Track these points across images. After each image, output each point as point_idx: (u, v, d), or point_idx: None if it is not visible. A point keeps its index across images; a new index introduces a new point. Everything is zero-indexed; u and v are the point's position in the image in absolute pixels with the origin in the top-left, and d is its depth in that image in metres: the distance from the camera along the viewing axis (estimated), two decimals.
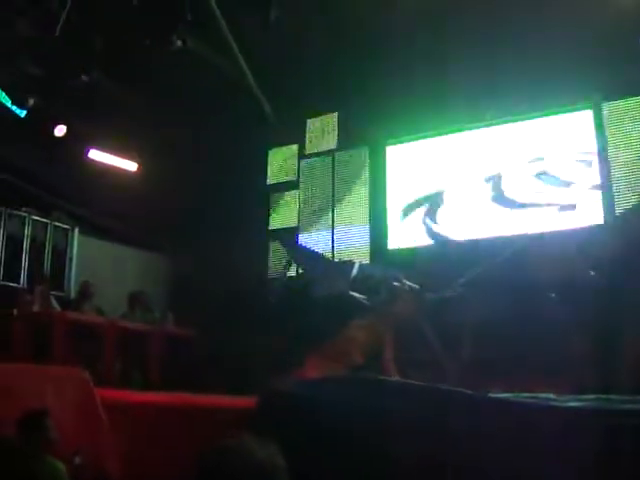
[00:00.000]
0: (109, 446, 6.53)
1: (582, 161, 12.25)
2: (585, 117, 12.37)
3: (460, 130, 13.51)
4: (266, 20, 9.10)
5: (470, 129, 13.41)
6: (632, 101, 11.94)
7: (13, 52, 10.92)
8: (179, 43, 10.10)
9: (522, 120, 12.92)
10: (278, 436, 2.42)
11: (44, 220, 13.61)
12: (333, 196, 14.56)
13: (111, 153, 13.98)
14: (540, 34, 11.14)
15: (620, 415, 3.36)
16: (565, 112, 12.55)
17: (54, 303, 11.46)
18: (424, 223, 13.40)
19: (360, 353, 8.59)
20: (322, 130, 14.97)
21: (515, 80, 11.99)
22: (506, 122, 13.07)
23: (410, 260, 12.65)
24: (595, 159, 12.11)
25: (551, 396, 4.01)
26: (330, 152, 14.83)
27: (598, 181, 11.99)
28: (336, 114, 14.77)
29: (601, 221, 11.75)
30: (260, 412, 4.11)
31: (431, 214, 13.44)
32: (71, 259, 14.00)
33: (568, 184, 12.20)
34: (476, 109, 13.07)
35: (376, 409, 3.73)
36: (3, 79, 11.04)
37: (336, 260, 13.85)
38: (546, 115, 12.71)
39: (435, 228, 13.31)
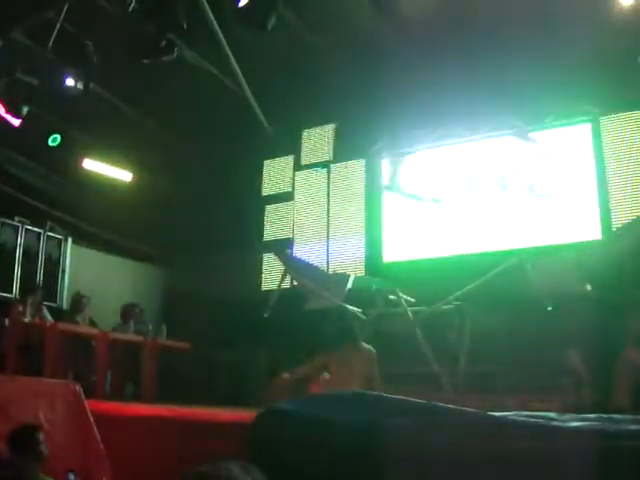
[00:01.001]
0: (101, 459, 6.45)
1: (579, 175, 12.25)
2: (583, 131, 12.37)
3: (458, 142, 13.50)
4: (263, 30, 9.02)
5: (467, 141, 13.40)
6: (630, 116, 11.97)
7: (8, 61, 10.86)
8: (175, 53, 10.02)
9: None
10: (275, 455, 2.34)
11: (37, 230, 13.52)
12: (328, 208, 14.52)
13: (106, 163, 13.93)
14: (541, 48, 11.13)
15: (625, 437, 3.30)
16: (564, 126, 12.56)
17: (46, 314, 11.36)
18: None
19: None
20: (318, 141, 14.94)
21: (513, 93, 11.99)
22: (504, 135, 13.07)
23: (406, 273, 12.59)
24: (593, 174, 12.12)
25: (552, 415, 3.93)
26: (326, 163, 14.81)
27: (595, 196, 11.99)
28: (332, 126, 14.75)
29: (598, 236, 11.74)
30: (257, 430, 4.03)
31: None
32: (64, 270, 13.92)
33: (566, 198, 12.19)
34: (474, 121, 13.09)
35: (375, 426, 3.67)
36: None
37: (331, 272, 13.80)
38: (545, 128, 12.72)
39: None
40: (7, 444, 5.33)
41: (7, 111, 11.12)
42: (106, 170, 13.96)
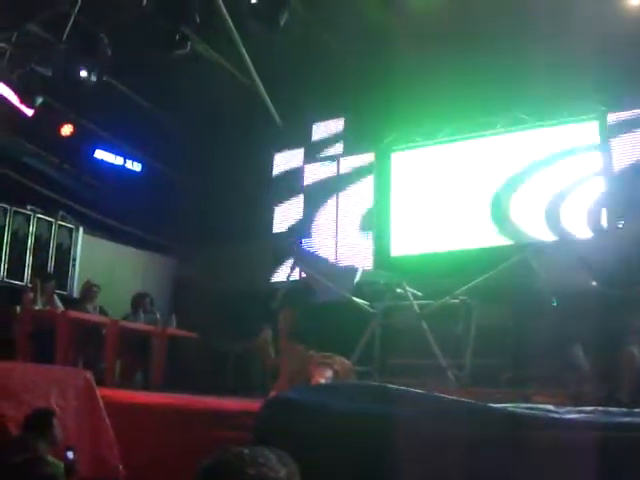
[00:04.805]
0: (112, 446, 6.55)
1: (586, 172, 12.31)
2: (591, 128, 12.43)
3: (467, 138, 13.56)
4: (275, 26, 9.13)
5: (477, 137, 13.47)
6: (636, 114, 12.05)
7: (23, 52, 10.98)
8: (188, 47, 10.14)
9: (528, 129, 12.99)
10: (280, 444, 2.39)
11: (49, 218, 13.63)
12: (337, 201, 14.59)
13: (117, 153, 14.06)
14: (550, 45, 11.17)
15: (620, 429, 3.39)
16: (571, 123, 12.63)
17: (57, 302, 11.46)
18: None
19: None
20: (328, 135, 15.00)
21: (522, 89, 12.05)
22: (512, 131, 13.14)
23: (413, 267, 12.66)
24: (599, 170, 12.18)
25: (550, 407, 4.01)
26: (335, 157, 14.87)
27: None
28: (343, 119, 14.81)
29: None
30: (263, 419, 4.13)
31: None
32: (75, 258, 14.01)
33: (572, 194, 12.24)
34: (484, 118, 13.17)
35: (380, 416, 3.75)
36: (12, 78, 11.09)
37: (339, 265, 13.86)
38: (552, 125, 12.78)
39: None
40: (22, 428, 5.45)
41: (21, 101, 11.24)
42: (117, 160, 14.11)
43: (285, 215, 15.19)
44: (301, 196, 15.07)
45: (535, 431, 3.43)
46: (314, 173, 15.08)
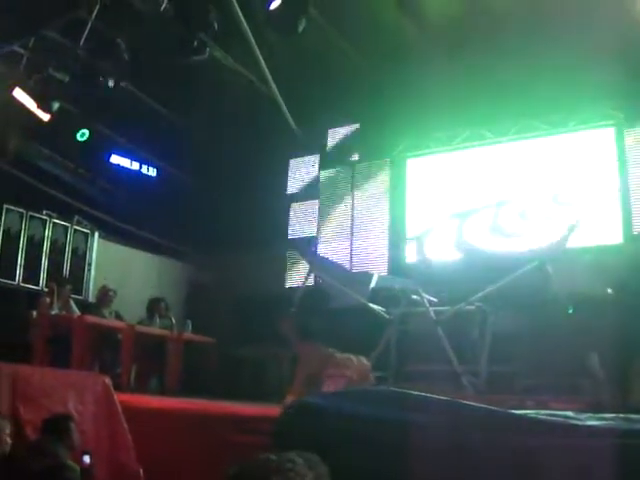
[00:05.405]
0: (130, 450, 6.56)
1: (601, 179, 12.29)
2: (607, 136, 12.41)
3: (481, 145, 13.55)
4: (293, 33, 9.16)
5: (491, 144, 13.46)
6: None
7: (40, 57, 11.03)
8: (206, 53, 10.18)
9: (543, 136, 12.98)
10: (300, 450, 2.39)
11: (65, 223, 13.67)
12: (352, 207, 14.60)
13: (133, 158, 14.11)
14: (565, 52, 11.16)
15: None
16: (587, 129, 12.61)
17: (73, 306, 11.48)
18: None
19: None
20: (343, 141, 15.00)
21: (536, 95, 12.05)
22: (527, 138, 13.12)
23: (428, 273, 12.65)
24: (615, 177, 12.16)
25: (570, 414, 4.01)
26: (351, 163, 14.88)
27: (617, 199, 12.02)
28: (358, 125, 14.81)
29: (620, 240, 11.78)
30: (283, 424, 4.13)
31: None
32: (90, 263, 14.04)
33: (588, 201, 12.22)
34: (498, 124, 13.16)
35: (399, 422, 3.75)
36: (29, 83, 11.14)
37: (354, 271, 13.86)
38: (567, 132, 12.76)
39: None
40: (40, 432, 5.47)
41: (38, 106, 11.29)
42: (133, 165, 14.15)
43: (301, 220, 15.19)
44: (316, 201, 15.06)
45: (557, 438, 3.43)
46: (329, 178, 15.08)
